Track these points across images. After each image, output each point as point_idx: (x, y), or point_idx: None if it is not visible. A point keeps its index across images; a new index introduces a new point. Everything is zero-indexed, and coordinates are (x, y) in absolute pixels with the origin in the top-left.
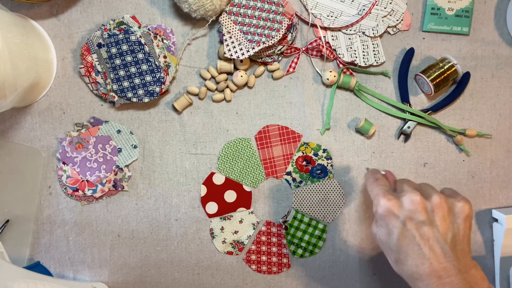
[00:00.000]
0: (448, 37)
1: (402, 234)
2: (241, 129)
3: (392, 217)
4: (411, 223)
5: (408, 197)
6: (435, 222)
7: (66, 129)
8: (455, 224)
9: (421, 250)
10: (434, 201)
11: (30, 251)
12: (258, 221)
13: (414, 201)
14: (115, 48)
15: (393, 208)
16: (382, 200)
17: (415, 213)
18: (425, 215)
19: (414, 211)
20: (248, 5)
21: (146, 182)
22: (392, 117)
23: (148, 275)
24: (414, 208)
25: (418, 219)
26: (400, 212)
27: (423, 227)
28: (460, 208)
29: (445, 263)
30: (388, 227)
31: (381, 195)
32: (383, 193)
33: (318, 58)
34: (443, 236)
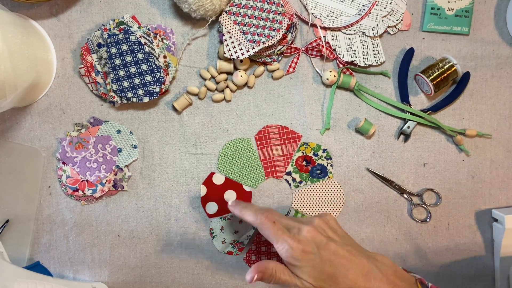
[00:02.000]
0: (448, 37)
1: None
2: (241, 129)
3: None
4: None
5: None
6: (331, 237)
7: (66, 129)
8: (338, 231)
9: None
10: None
11: (30, 251)
12: None
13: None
14: (115, 48)
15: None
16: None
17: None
18: (323, 237)
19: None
20: (248, 5)
21: (146, 182)
22: (392, 117)
23: (148, 275)
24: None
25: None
26: (310, 247)
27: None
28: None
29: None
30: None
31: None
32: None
33: (318, 58)
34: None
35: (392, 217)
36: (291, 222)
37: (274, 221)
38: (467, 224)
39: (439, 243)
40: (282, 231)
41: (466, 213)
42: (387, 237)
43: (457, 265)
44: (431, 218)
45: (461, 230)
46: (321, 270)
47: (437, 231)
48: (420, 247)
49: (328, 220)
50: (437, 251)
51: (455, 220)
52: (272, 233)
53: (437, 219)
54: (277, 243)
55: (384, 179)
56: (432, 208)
